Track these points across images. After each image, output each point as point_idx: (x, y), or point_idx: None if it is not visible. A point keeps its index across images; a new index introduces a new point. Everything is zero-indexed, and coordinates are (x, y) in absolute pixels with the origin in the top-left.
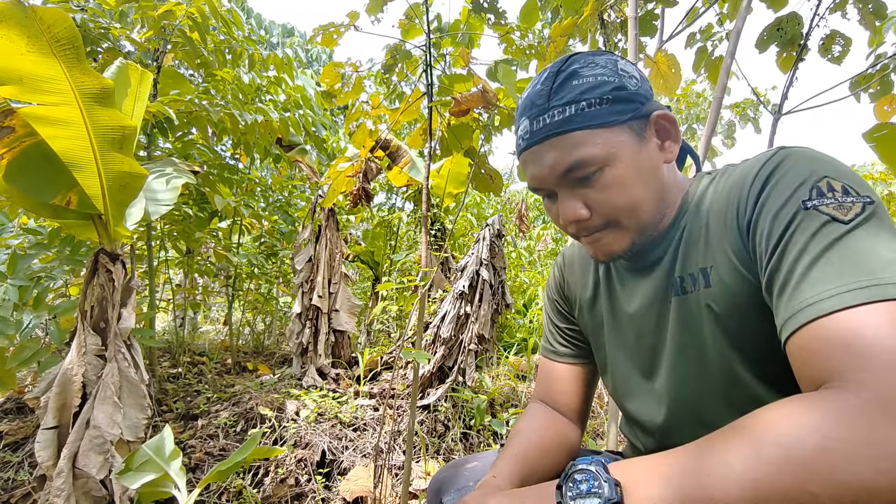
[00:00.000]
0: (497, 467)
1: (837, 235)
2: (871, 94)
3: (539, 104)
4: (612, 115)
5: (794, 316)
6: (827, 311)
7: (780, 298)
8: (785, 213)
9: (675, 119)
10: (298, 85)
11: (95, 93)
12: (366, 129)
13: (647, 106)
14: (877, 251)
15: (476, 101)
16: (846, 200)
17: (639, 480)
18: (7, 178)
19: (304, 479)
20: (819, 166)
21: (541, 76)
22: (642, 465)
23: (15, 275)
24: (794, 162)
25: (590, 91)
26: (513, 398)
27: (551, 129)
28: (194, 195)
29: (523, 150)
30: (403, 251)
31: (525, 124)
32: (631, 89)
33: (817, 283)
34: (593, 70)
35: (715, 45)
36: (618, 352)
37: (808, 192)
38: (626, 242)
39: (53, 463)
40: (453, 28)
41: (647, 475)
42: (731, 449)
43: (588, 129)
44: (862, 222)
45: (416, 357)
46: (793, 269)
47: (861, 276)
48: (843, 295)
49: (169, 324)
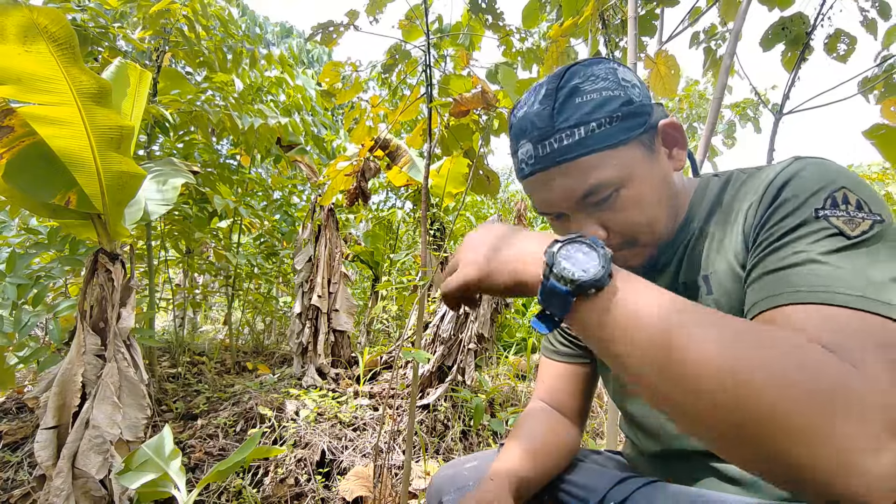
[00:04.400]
0: (494, 470)
1: (837, 248)
2: (876, 95)
3: (542, 127)
4: (623, 132)
5: (780, 294)
6: (815, 301)
7: (764, 277)
8: (795, 217)
9: (681, 125)
10: (299, 85)
11: (93, 92)
12: (364, 127)
13: (653, 116)
14: (868, 272)
15: (476, 101)
16: (857, 216)
17: (634, 282)
18: (6, 178)
19: (304, 478)
20: (838, 177)
21: (537, 93)
22: (645, 282)
23: (14, 273)
24: (812, 172)
25: (598, 110)
26: (512, 398)
27: (560, 154)
28: (194, 195)
29: (528, 176)
30: (403, 251)
31: (528, 148)
32: (637, 101)
33: (809, 276)
34: (595, 84)
35: (718, 45)
36: None
37: (822, 200)
38: (645, 257)
39: (53, 463)
40: (454, 30)
41: (645, 286)
42: (740, 331)
43: (601, 151)
44: (866, 241)
45: (416, 357)
46: (785, 260)
47: (849, 289)
48: (836, 294)
49: (169, 323)
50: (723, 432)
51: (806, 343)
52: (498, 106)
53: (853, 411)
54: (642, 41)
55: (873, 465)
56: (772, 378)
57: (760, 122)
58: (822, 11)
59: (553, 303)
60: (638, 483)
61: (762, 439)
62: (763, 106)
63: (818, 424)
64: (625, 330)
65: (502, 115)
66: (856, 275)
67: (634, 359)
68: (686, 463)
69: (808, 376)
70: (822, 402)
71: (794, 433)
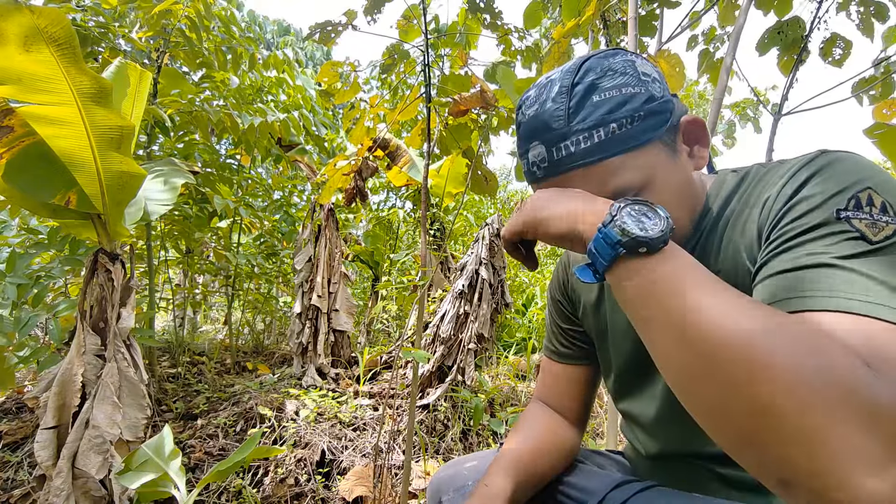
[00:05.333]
0: (490, 474)
1: (856, 252)
2: (871, 96)
3: (556, 128)
4: (645, 132)
5: (792, 299)
6: (830, 308)
7: (776, 276)
8: (814, 216)
9: (703, 121)
10: (299, 85)
11: (93, 92)
12: (363, 127)
13: (675, 113)
14: (888, 279)
15: (475, 101)
16: (881, 219)
17: (682, 256)
18: (6, 178)
19: (304, 478)
20: (865, 175)
21: (548, 89)
22: (693, 260)
23: (14, 273)
24: (838, 168)
25: (618, 109)
26: (512, 397)
27: (580, 158)
28: (194, 195)
29: (540, 180)
30: (403, 251)
31: (540, 151)
32: (658, 97)
33: (825, 280)
34: (614, 80)
35: (717, 48)
36: (621, 354)
37: (846, 200)
38: None
39: (53, 463)
40: (451, 29)
41: (692, 265)
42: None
43: (623, 153)
44: (887, 247)
45: (416, 357)
46: (800, 260)
47: (866, 297)
48: (851, 301)
49: (168, 323)
50: (731, 417)
51: (831, 344)
52: (497, 105)
53: (865, 420)
54: (643, 42)
55: (872, 484)
56: (790, 371)
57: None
58: (818, 15)
59: (602, 251)
60: (637, 487)
61: (767, 434)
62: (762, 106)
63: (822, 425)
64: (659, 295)
65: (501, 114)
66: (875, 282)
67: (658, 323)
68: (685, 466)
69: (827, 376)
70: (832, 404)
71: (798, 431)
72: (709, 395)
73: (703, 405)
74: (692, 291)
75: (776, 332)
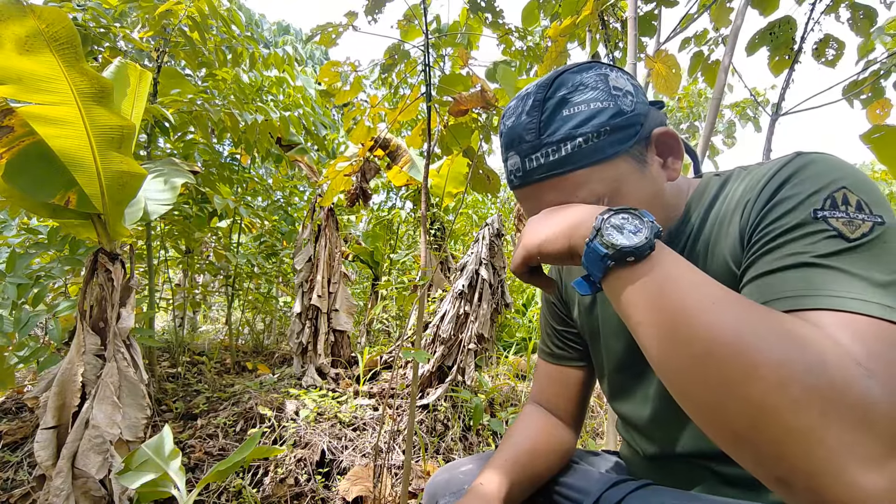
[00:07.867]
0: (485, 474)
1: (835, 250)
2: (862, 99)
3: (529, 140)
4: (612, 146)
5: (777, 300)
6: (817, 306)
7: (760, 278)
8: (792, 217)
9: (677, 134)
10: (299, 86)
11: (94, 92)
12: (364, 127)
13: (646, 125)
14: (867, 275)
15: (475, 100)
16: (857, 217)
17: (672, 259)
18: (6, 178)
19: (304, 478)
20: (839, 175)
21: (524, 102)
22: (684, 261)
23: (14, 273)
24: (813, 169)
25: (585, 123)
26: (512, 398)
27: (548, 169)
28: (194, 195)
29: (517, 188)
30: (403, 251)
31: (516, 161)
32: (628, 112)
33: (806, 279)
34: (584, 95)
35: (711, 50)
36: (614, 355)
37: (822, 201)
38: None
39: (53, 463)
40: (452, 29)
41: (684, 266)
42: (765, 317)
43: (588, 167)
44: (865, 244)
45: (416, 356)
46: (781, 261)
47: (846, 293)
48: (834, 299)
49: (168, 323)
50: (727, 417)
51: (821, 341)
52: (497, 105)
53: (858, 416)
54: (642, 41)
55: (869, 480)
56: (780, 368)
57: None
58: (811, 16)
59: (594, 265)
60: (632, 486)
61: (762, 432)
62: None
63: (816, 423)
64: (649, 300)
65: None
66: (856, 278)
67: (651, 328)
68: (683, 465)
69: (818, 373)
70: (826, 401)
71: (793, 429)
72: (704, 395)
73: (700, 405)
74: (681, 293)
75: (766, 330)
